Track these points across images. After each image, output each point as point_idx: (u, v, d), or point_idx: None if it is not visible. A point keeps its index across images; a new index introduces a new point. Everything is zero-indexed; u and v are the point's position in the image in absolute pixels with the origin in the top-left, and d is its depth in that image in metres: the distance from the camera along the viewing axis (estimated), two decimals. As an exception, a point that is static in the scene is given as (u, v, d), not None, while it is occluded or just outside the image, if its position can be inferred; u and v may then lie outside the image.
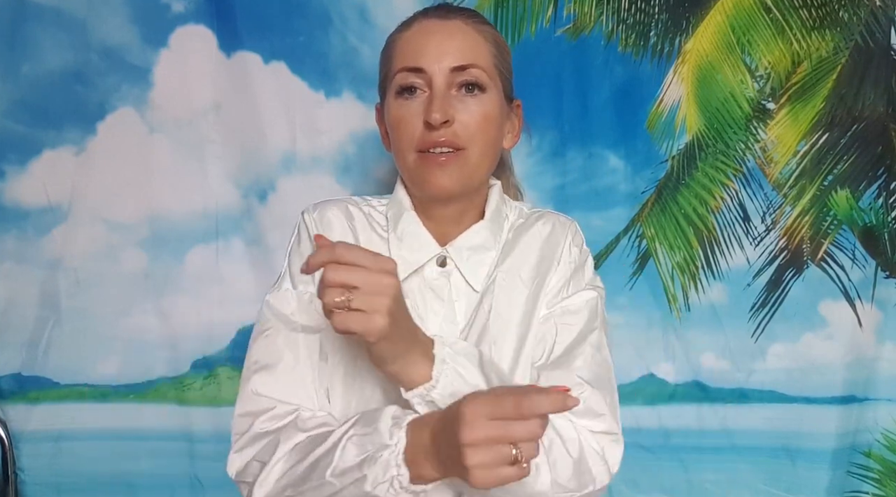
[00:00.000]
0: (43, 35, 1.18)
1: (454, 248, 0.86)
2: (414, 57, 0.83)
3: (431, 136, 0.81)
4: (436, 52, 0.83)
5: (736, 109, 1.19)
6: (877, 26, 1.16)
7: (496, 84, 0.86)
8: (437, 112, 0.80)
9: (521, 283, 0.88)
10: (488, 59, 0.85)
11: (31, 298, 1.21)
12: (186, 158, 1.20)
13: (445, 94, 0.82)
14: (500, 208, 0.92)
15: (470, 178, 0.84)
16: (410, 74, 0.83)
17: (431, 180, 0.82)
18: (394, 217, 0.89)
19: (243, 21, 1.17)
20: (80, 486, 1.22)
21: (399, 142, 0.84)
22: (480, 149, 0.83)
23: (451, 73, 0.82)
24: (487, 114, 0.83)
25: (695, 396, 1.22)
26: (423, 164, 0.82)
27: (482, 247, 0.88)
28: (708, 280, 1.21)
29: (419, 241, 0.87)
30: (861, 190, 1.19)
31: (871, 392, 1.20)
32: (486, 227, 0.89)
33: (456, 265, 0.86)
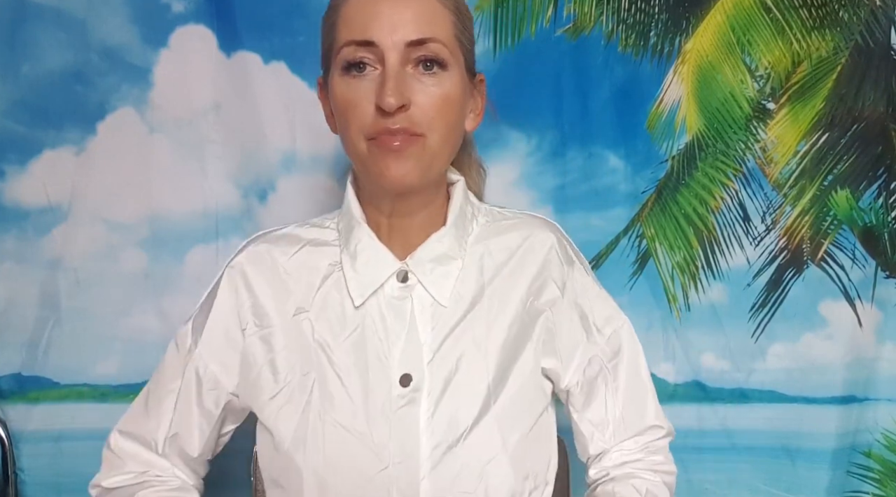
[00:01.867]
0: (43, 35, 1.18)
1: (415, 261, 0.78)
2: (362, 28, 0.72)
3: (385, 123, 0.71)
4: (388, 22, 0.71)
5: (736, 109, 1.19)
6: (877, 26, 1.16)
7: (457, 59, 0.75)
8: (391, 95, 0.69)
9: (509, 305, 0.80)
10: (449, 30, 0.74)
11: (31, 298, 1.21)
12: (186, 158, 1.20)
13: (400, 73, 0.71)
14: (465, 210, 0.83)
15: (429, 167, 0.74)
16: (359, 49, 0.72)
17: (385, 172, 0.72)
18: (345, 232, 0.81)
19: (243, 21, 1.17)
20: (81, 487, 1.20)
21: (347, 128, 0.74)
22: (441, 135, 0.73)
23: (406, 48, 0.71)
24: (448, 95, 0.73)
25: (695, 396, 1.22)
26: (376, 153, 0.72)
27: (446, 256, 0.79)
28: (708, 280, 1.21)
29: (375, 258, 0.78)
30: (861, 190, 1.19)
31: (871, 392, 1.20)
32: (450, 234, 0.80)
33: (419, 279, 0.78)
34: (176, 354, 0.83)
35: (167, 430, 0.80)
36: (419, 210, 0.80)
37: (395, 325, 0.77)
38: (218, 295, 0.81)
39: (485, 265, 0.81)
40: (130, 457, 0.82)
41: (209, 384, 0.80)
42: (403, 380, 0.76)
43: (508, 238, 0.83)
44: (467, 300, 0.79)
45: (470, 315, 0.79)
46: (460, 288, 0.79)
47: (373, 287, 0.78)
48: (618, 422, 0.84)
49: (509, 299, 0.80)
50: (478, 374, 0.77)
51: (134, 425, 0.83)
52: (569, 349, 0.83)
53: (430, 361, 0.76)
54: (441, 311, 0.78)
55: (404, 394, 0.75)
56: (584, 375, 0.84)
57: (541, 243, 0.83)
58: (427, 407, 0.75)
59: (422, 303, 0.78)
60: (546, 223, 0.87)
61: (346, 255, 0.80)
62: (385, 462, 0.74)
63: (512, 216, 0.87)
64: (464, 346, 0.78)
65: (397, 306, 0.78)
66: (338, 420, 0.75)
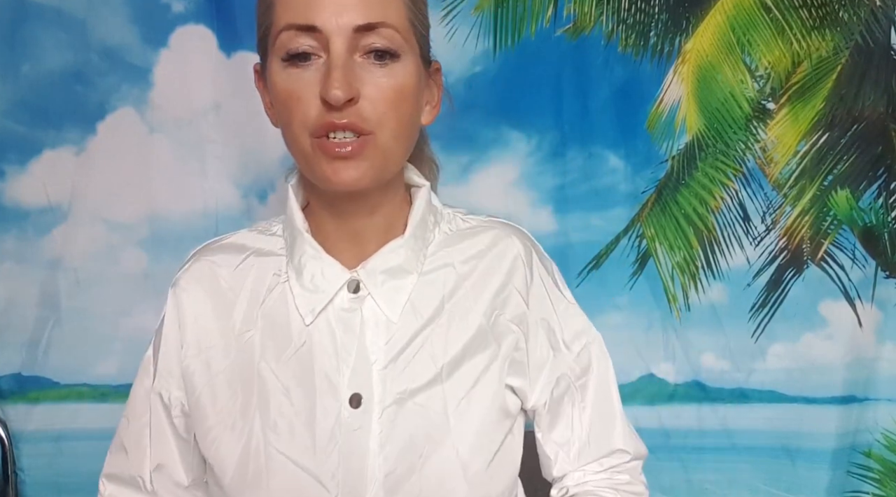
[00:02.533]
0: (43, 35, 1.18)
1: (367, 272, 0.71)
2: (304, 11, 0.64)
3: (331, 118, 0.63)
4: (333, 4, 0.63)
5: (736, 109, 1.19)
6: (877, 26, 1.16)
7: (412, 46, 0.68)
8: (337, 88, 0.62)
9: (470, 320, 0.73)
10: (402, 13, 0.67)
11: (31, 298, 1.21)
12: (186, 158, 1.20)
13: (347, 62, 0.63)
14: (426, 219, 0.75)
15: (382, 168, 0.67)
16: (301, 34, 0.64)
17: (332, 176, 0.65)
18: (289, 242, 0.74)
19: (243, 21, 1.17)
20: (80, 486, 1.22)
21: (289, 122, 0.66)
22: (393, 131, 0.66)
23: (354, 34, 0.63)
24: (401, 87, 0.66)
25: (695, 396, 1.22)
26: (322, 155, 0.65)
27: (401, 269, 0.72)
28: (708, 280, 1.21)
29: (322, 271, 0.71)
30: (861, 190, 1.19)
31: (871, 392, 1.20)
32: (407, 245, 0.73)
33: (369, 292, 0.71)
34: (141, 385, 0.77)
35: (149, 464, 0.75)
36: (372, 213, 0.72)
37: (346, 339, 0.70)
38: (165, 318, 0.76)
39: (445, 277, 0.74)
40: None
41: (176, 410, 0.75)
42: (353, 400, 0.69)
43: (471, 248, 0.76)
44: (424, 315, 0.72)
45: (427, 330, 0.72)
46: (417, 302, 0.72)
47: (322, 302, 0.71)
48: (583, 443, 0.79)
49: (471, 313, 0.74)
50: (434, 395, 0.71)
51: (118, 467, 0.78)
52: (535, 367, 0.76)
53: (381, 380, 0.70)
54: (393, 326, 0.71)
55: (355, 416, 0.69)
56: (551, 395, 0.77)
57: (506, 252, 0.76)
58: (378, 430, 0.69)
59: (375, 316, 0.71)
60: (513, 230, 0.79)
61: (291, 269, 0.73)
62: (333, 492, 0.68)
63: (477, 223, 0.79)
64: (419, 365, 0.71)
65: (347, 319, 0.71)
66: (282, 450, 0.69)
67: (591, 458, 0.79)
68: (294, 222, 0.73)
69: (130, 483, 0.76)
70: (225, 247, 0.78)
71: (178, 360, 0.74)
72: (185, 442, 0.75)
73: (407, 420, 0.70)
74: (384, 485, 0.68)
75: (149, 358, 0.77)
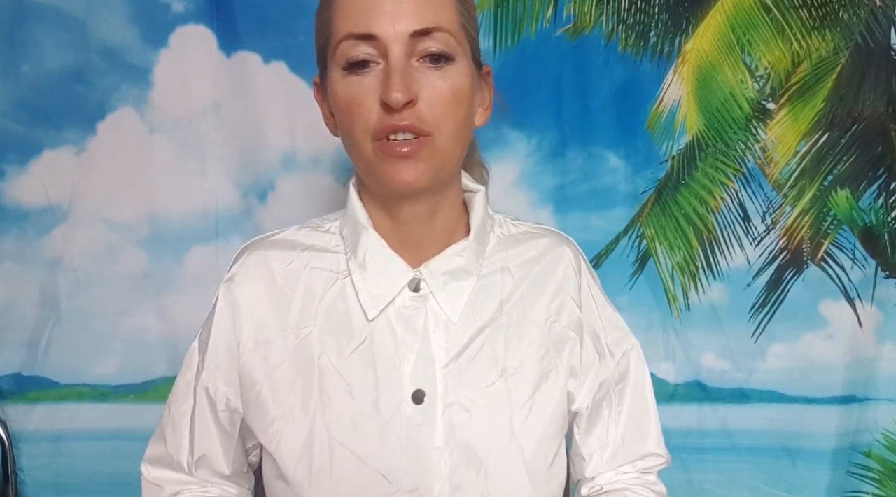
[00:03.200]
0: (43, 35, 1.18)
1: (430, 271, 0.73)
2: (363, 19, 0.66)
3: (391, 121, 0.66)
4: (390, 11, 0.66)
5: (736, 109, 1.19)
6: (877, 26, 1.16)
7: (465, 50, 0.70)
8: (397, 91, 0.64)
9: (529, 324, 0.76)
10: (455, 18, 0.69)
11: (31, 298, 1.21)
12: (186, 158, 1.20)
13: (406, 66, 0.66)
14: (486, 222, 0.78)
15: (441, 168, 0.69)
16: (360, 43, 0.66)
17: (394, 176, 0.67)
18: (351, 238, 0.75)
19: (243, 21, 1.17)
20: (80, 486, 1.22)
21: (351, 128, 0.69)
22: (450, 132, 0.68)
23: (410, 40, 0.66)
24: (457, 89, 0.68)
25: (695, 396, 1.22)
26: (383, 156, 0.67)
27: (463, 271, 0.74)
28: (708, 280, 1.21)
29: (387, 268, 0.73)
30: (861, 190, 1.19)
31: (871, 392, 1.20)
32: (471, 248, 0.75)
33: (431, 291, 0.73)
34: (185, 376, 0.78)
35: (190, 453, 0.77)
36: (432, 215, 0.74)
37: (407, 336, 0.72)
38: (216, 313, 0.77)
39: (503, 281, 0.77)
40: (167, 482, 0.79)
41: (221, 405, 0.76)
42: (416, 396, 0.71)
43: (525, 253, 0.79)
44: (483, 317, 0.74)
45: (486, 331, 0.74)
46: (476, 303, 0.74)
47: (387, 299, 0.72)
48: (617, 446, 0.81)
49: (527, 317, 0.76)
50: (497, 396, 0.72)
51: (159, 453, 0.79)
52: (583, 371, 0.79)
53: (443, 377, 0.71)
54: (454, 326, 0.73)
55: (418, 412, 0.70)
56: (592, 399, 0.80)
57: (558, 259, 0.80)
58: (443, 429, 0.70)
59: (435, 315, 0.73)
60: (562, 237, 0.83)
61: (354, 264, 0.74)
62: (396, 486, 0.69)
63: (527, 229, 0.82)
64: (481, 365, 0.73)
65: (409, 317, 0.72)
66: (345, 444, 0.70)
67: (624, 461, 0.82)
68: (357, 218, 0.75)
69: (172, 467, 0.78)
70: (277, 243, 0.78)
71: (232, 357, 0.75)
72: (229, 435, 0.77)
73: (471, 418, 0.71)
74: (450, 481, 0.70)
75: (194, 350, 0.79)
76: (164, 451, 0.78)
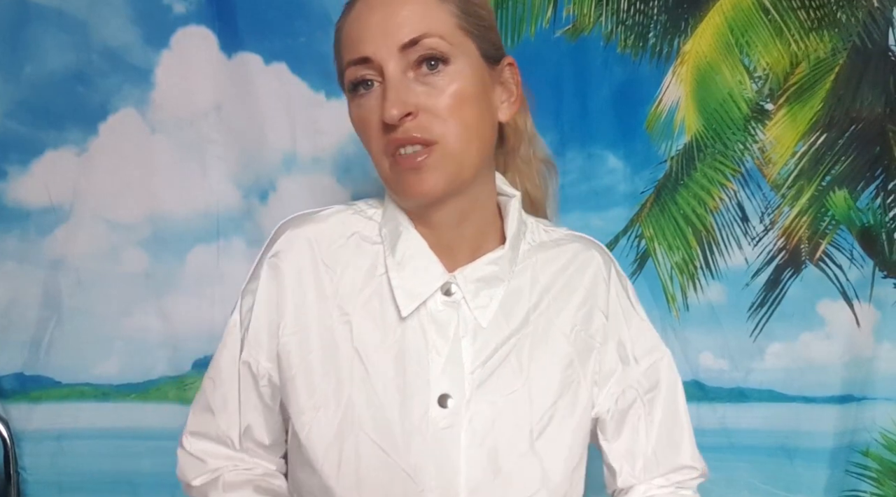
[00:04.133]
0: (44, 36, 1.18)
1: (463, 278, 0.74)
2: (357, 45, 0.69)
3: (394, 137, 0.68)
4: (379, 31, 0.68)
5: (734, 110, 1.19)
6: (874, 27, 1.17)
7: (465, 49, 0.70)
8: (391, 107, 0.66)
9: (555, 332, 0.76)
10: (446, 21, 0.69)
11: (33, 298, 1.21)
12: (188, 159, 1.20)
13: (401, 81, 0.67)
14: (520, 231, 0.78)
15: (456, 173, 0.70)
16: (358, 67, 0.69)
17: (410, 188, 0.69)
18: (390, 236, 0.76)
19: (244, 22, 1.17)
20: (82, 486, 1.23)
21: (369, 148, 0.72)
22: (458, 135, 0.68)
23: (401, 53, 0.67)
24: (459, 90, 0.68)
25: (693, 396, 1.22)
26: (399, 170, 0.69)
27: (496, 278, 0.75)
28: (706, 280, 1.22)
29: (425, 268, 0.74)
30: (859, 190, 1.20)
31: (868, 391, 1.20)
32: (506, 258, 0.76)
33: (463, 296, 0.74)
34: (227, 352, 0.79)
35: (238, 426, 0.78)
36: (461, 221, 0.75)
37: (437, 340, 0.73)
38: (259, 287, 0.77)
39: (531, 289, 0.77)
40: (211, 455, 0.80)
41: (263, 380, 0.77)
42: (441, 400, 0.72)
43: (554, 260, 0.79)
44: (512, 324, 0.75)
45: (514, 339, 0.75)
46: (506, 310, 0.75)
47: (421, 298, 0.73)
48: (649, 457, 0.80)
49: (553, 326, 0.77)
50: (520, 403, 0.73)
51: (204, 426, 0.80)
52: (604, 377, 0.80)
53: (470, 383, 0.72)
54: (483, 332, 0.74)
55: (444, 415, 0.71)
56: (616, 405, 0.80)
57: (586, 267, 0.80)
58: (468, 433, 0.71)
59: (465, 321, 0.74)
60: (593, 244, 0.83)
61: (391, 261, 0.75)
62: (421, 486, 0.70)
63: (559, 236, 0.82)
64: (506, 372, 0.74)
65: (441, 322, 0.73)
66: (373, 438, 0.71)
67: (657, 473, 0.81)
68: (398, 218, 0.76)
69: (218, 441, 0.79)
70: (324, 220, 0.78)
71: (273, 335, 0.76)
72: (270, 409, 0.78)
73: (493, 424, 0.72)
74: (467, 485, 0.71)
75: (235, 324, 0.78)
76: (212, 426, 0.79)
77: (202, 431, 0.80)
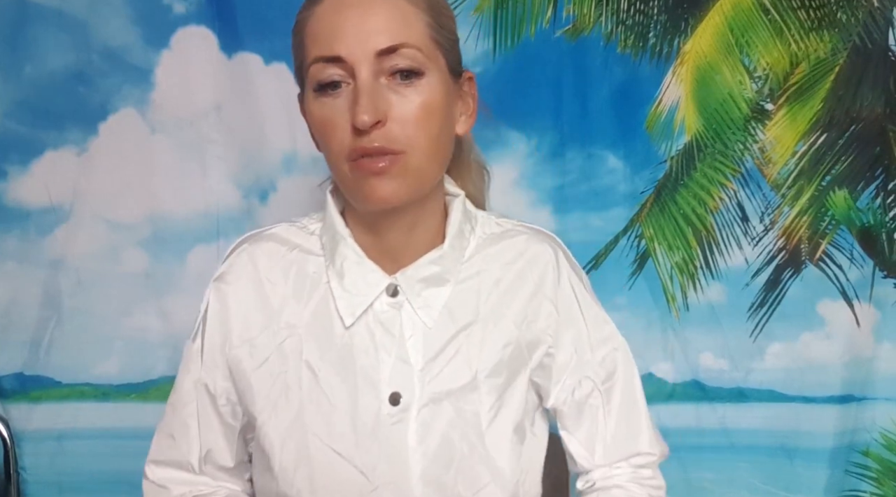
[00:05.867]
0: (45, 36, 1.18)
1: (405, 279, 0.74)
2: (329, 42, 0.67)
3: (362, 143, 0.66)
4: (355, 32, 0.66)
5: (734, 110, 1.19)
6: (875, 27, 1.17)
7: (436, 63, 0.70)
8: (364, 113, 0.65)
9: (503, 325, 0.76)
10: (423, 32, 0.69)
11: (33, 298, 1.21)
12: (188, 159, 1.20)
13: (374, 87, 0.66)
14: (463, 228, 0.78)
15: (417, 184, 0.70)
16: (328, 66, 0.67)
17: (370, 194, 0.68)
18: (329, 247, 0.76)
19: (244, 22, 1.17)
20: (82, 485, 1.23)
21: (327, 150, 0.70)
22: (423, 147, 0.68)
23: (377, 59, 0.66)
24: (428, 103, 0.68)
25: (693, 396, 1.22)
26: (359, 174, 0.68)
27: (439, 278, 0.75)
28: (706, 280, 1.22)
29: (363, 276, 0.74)
30: (859, 190, 1.20)
31: (868, 391, 1.20)
32: (446, 256, 0.75)
33: (407, 298, 0.74)
34: (186, 375, 0.79)
35: (199, 451, 0.78)
36: (412, 227, 0.75)
37: (385, 341, 0.74)
38: (209, 311, 0.78)
39: (480, 285, 0.77)
40: (172, 482, 0.79)
41: (222, 399, 0.77)
42: (392, 398, 0.73)
43: (505, 253, 0.79)
44: (460, 322, 0.75)
45: (462, 335, 0.75)
46: (453, 308, 0.76)
47: (363, 306, 0.74)
48: (609, 445, 0.81)
49: (503, 319, 0.77)
50: (470, 399, 0.74)
51: (166, 453, 0.80)
52: (559, 369, 0.80)
53: (419, 380, 0.73)
54: (430, 332, 0.74)
55: (393, 413, 0.72)
56: (572, 395, 0.80)
57: (537, 259, 0.79)
58: (416, 427, 0.72)
59: (412, 320, 0.74)
60: (545, 236, 0.83)
61: (332, 272, 0.75)
62: (374, 483, 0.72)
63: (511, 227, 0.82)
64: (455, 368, 0.74)
65: (386, 322, 0.74)
66: (325, 442, 0.72)
67: (616, 459, 0.81)
68: (335, 227, 0.76)
69: (179, 467, 0.79)
70: (266, 238, 0.79)
71: (224, 352, 0.77)
72: (231, 428, 0.78)
73: (443, 419, 0.73)
74: (422, 479, 0.72)
75: (190, 349, 0.79)
76: (173, 452, 0.79)
77: (163, 459, 0.80)
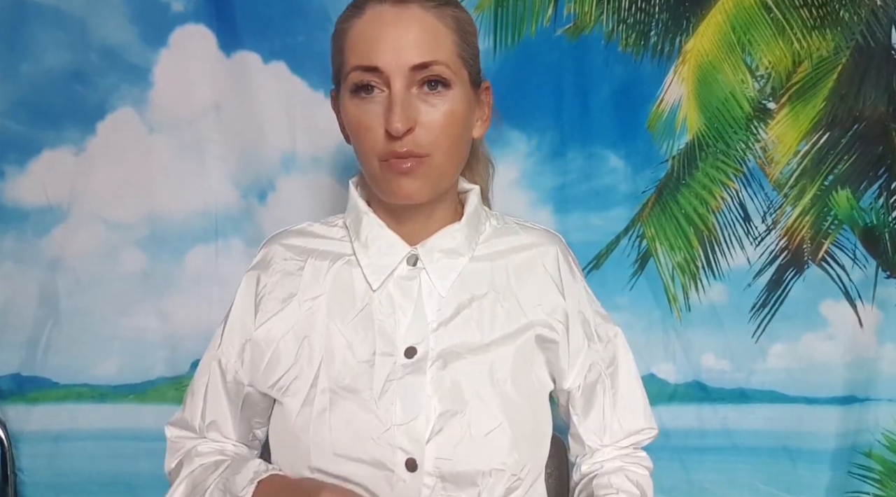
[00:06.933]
0: (42, 35, 1.18)
1: (425, 249, 0.84)
2: (368, 54, 0.76)
3: (393, 147, 0.76)
4: (392, 47, 0.76)
5: (736, 109, 1.19)
6: (877, 26, 1.16)
7: (461, 76, 0.79)
8: (398, 121, 0.74)
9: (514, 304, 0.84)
10: (451, 50, 0.78)
11: (31, 298, 1.21)
12: (186, 158, 1.20)
13: (406, 97, 0.76)
14: (479, 212, 0.89)
15: (438, 182, 0.80)
16: (366, 74, 0.77)
17: (397, 190, 0.79)
18: (353, 224, 0.86)
19: (243, 21, 1.17)
20: (80, 487, 1.22)
21: (360, 147, 0.80)
22: (445, 151, 0.79)
23: (410, 72, 0.76)
24: (452, 112, 0.78)
25: (695, 396, 1.22)
26: (388, 173, 0.78)
27: (455, 251, 0.84)
28: (708, 280, 1.21)
29: (387, 244, 0.84)
30: (862, 190, 1.19)
31: (871, 392, 1.20)
32: (463, 231, 0.85)
33: (425, 266, 0.83)
34: (208, 351, 0.89)
35: (202, 418, 0.87)
36: (429, 215, 0.85)
37: (403, 302, 0.82)
38: (237, 297, 0.88)
39: (493, 265, 0.86)
40: (183, 439, 0.89)
41: (230, 375, 0.86)
42: (408, 352, 0.80)
43: (517, 243, 0.89)
44: (473, 291, 0.84)
45: (473, 305, 0.83)
46: (466, 281, 0.84)
47: (387, 270, 0.83)
48: (614, 425, 0.90)
49: (515, 297, 0.85)
50: (480, 360, 0.81)
51: (179, 417, 0.90)
52: (573, 354, 0.88)
53: (434, 336, 0.81)
54: (443, 300, 0.83)
55: (408, 364, 0.79)
56: (584, 380, 0.89)
57: (546, 252, 0.89)
58: (431, 375, 0.79)
59: (429, 286, 0.83)
60: (552, 235, 0.92)
61: (358, 245, 0.85)
62: (387, 424, 0.78)
63: (520, 224, 0.92)
64: (467, 332, 0.82)
65: (405, 286, 0.83)
66: (346, 387, 0.79)
67: (620, 437, 0.90)
68: (358, 207, 0.86)
69: (188, 428, 0.89)
70: (292, 232, 0.90)
71: (246, 335, 0.86)
72: (235, 405, 0.88)
73: (456, 372, 0.80)
74: (437, 422, 0.78)
75: (218, 330, 0.89)
76: (184, 417, 0.89)
77: (177, 421, 0.90)
